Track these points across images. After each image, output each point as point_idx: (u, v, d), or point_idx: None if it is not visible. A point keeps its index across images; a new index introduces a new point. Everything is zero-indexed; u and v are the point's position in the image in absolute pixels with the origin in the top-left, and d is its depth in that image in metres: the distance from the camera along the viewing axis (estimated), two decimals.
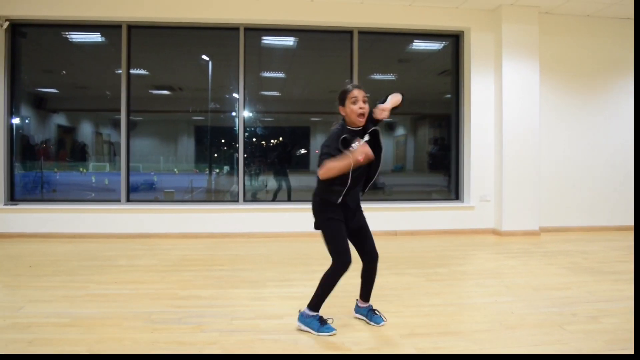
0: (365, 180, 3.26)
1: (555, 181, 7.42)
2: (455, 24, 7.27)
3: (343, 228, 3.15)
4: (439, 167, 8.24)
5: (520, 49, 7.07)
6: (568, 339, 3.08)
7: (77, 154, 8.00)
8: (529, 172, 7.10)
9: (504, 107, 7.05)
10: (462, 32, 7.43)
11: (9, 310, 3.60)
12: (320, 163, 2.98)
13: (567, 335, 3.15)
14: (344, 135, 3.04)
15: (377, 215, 7.13)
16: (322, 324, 3.15)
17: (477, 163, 7.30)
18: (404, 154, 8.66)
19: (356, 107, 3.07)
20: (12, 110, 7.00)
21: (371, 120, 3.17)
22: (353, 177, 3.01)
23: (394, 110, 3.19)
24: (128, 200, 7.09)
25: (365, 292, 3.40)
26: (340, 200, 3.07)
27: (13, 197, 7.03)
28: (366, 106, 3.09)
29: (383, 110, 3.12)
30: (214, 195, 7.84)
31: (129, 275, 4.73)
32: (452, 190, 7.72)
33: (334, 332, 3.14)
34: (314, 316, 3.18)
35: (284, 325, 3.33)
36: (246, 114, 7.34)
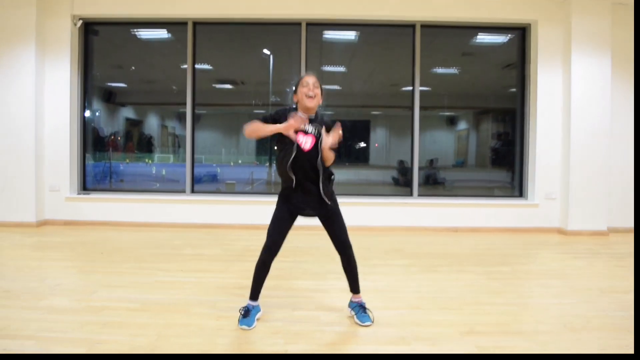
0: (314, 170, 3.17)
1: (626, 180, 7.09)
2: (522, 17, 7.06)
3: (283, 218, 3.22)
4: (501, 163, 8.05)
5: (591, 42, 6.79)
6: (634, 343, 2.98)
7: (144, 146, 8.32)
8: (598, 170, 6.83)
9: (572, 102, 6.81)
10: (529, 24, 7.21)
11: (84, 294, 3.82)
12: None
13: (634, 340, 3.04)
14: (291, 111, 3.20)
15: (437, 211, 7.08)
16: (244, 316, 3.20)
17: (543, 159, 7.08)
18: (466, 149, 8.50)
19: (305, 89, 3.15)
20: (85, 104, 7.35)
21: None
22: (296, 172, 3.12)
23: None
24: (193, 191, 7.32)
25: (351, 283, 3.40)
26: (290, 192, 3.19)
27: (85, 187, 7.40)
28: (316, 90, 3.16)
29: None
30: (274, 188, 7.98)
31: (194, 264, 4.91)
32: (515, 187, 7.54)
33: (244, 326, 3.13)
34: (246, 306, 3.25)
35: (345, 318, 3.38)
36: None
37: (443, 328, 3.21)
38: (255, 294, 3.28)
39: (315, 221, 3.26)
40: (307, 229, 3.46)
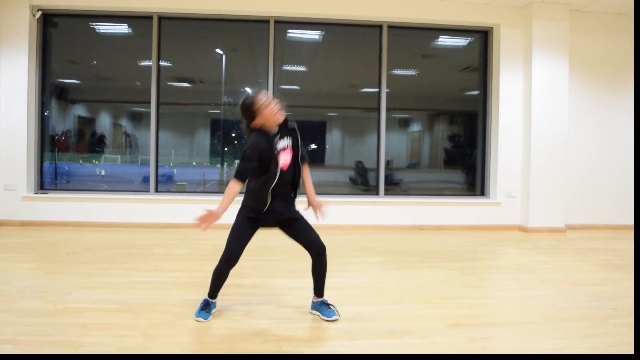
0: (293, 185, 3.21)
1: (582, 178, 7.40)
2: (485, 20, 7.26)
3: (246, 232, 3.17)
4: (455, 164, 8.27)
5: (551, 46, 7.05)
6: (614, 332, 3.13)
7: (96, 145, 8.03)
8: (557, 169, 7.09)
9: (532, 103, 7.04)
10: (492, 28, 7.42)
11: (58, 295, 3.67)
12: (238, 172, 3.04)
13: (612, 329, 3.18)
14: (274, 136, 3.09)
15: (403, 210, 7.18)
16: (202, 308, 3.25)
17: (504, 159, 7.30)
18: (419, 150, 8.64)
19: (271, 106, 3.03)
20: (43, 100, 7.06)
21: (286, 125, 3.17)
22: (274, 192, 3.06)
23: None
24: (157, 190, 7.15)
25: (317, 287, 3.33)
26: (265, 209, 3.09)
27: (42, 186, 7.11)
28: (278, 104, 3.08)
29: None
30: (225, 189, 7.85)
31: (167, 263, 4.79)
32: (477, 186, 7.73)
33: (200, 319, 3.17)
34: (205, 300, 3.29)
35: None
36: None
37: (429, 321, 3.25)
38: (215, 294, 3.29)
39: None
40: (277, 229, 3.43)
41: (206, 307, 3.24)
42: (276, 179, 3.01)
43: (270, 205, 3.07)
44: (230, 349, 2.76)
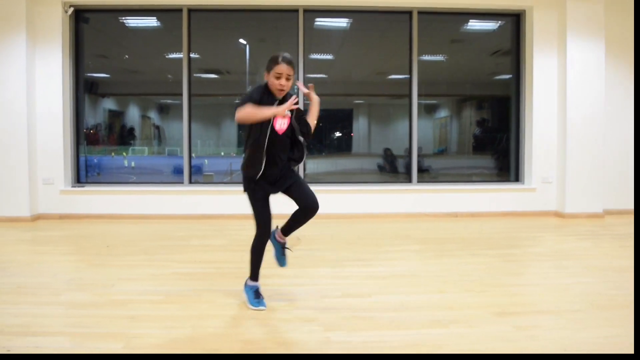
0: (290, 159, 3.24)
1: (619, 162, 7.23)
2: (518, 3, 7.11)
3: (262, 199, 3.19)
4: (484, 149, 8.14)
5: (586, 28, 6.86)
6: None
7: (125, 138, 8.12)
8: (594, 153, 6.93)
9: (568, 87, 6.88)
10: (524, 10, 7.26)
11: (102, 288, 3.72)
12: (239, 107, 2.95)
13: None
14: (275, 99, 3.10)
15: (436, 197, 7.13)
16: (255, 297, 3.26)
17: (539, 144, 7.16)
18: (447, 137, 8.53)
19: (277, 82, 3.03)
20: (77, 95, 7.16)
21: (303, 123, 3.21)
22: (268, 155, 3.07)
23: None
24: (190, 182, 7.21)
25: (288, 227, 3.32)
26: (258, 176, 3.11)
27: (79, 180, 7.23)
28: (288, 84, 3.06)
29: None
30: None
31: (206, 254, 4.84)
32: (511, 172, 7.61)
33: (261, 307, 3.21)
34: (252, 287, 3.31)
35: (374, 303, 3.37)
36: None
37: (474, 310, 3.22)
38: (256, 275, 3.33)
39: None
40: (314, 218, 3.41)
41: (257, 295, 3.27)
42: (267, 138, 3.02)
43: (264, 170, 3.09)
44: (279, 339, 2.78)
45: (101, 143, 7.87)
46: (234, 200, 6.85)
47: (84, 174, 7.40)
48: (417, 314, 3.14)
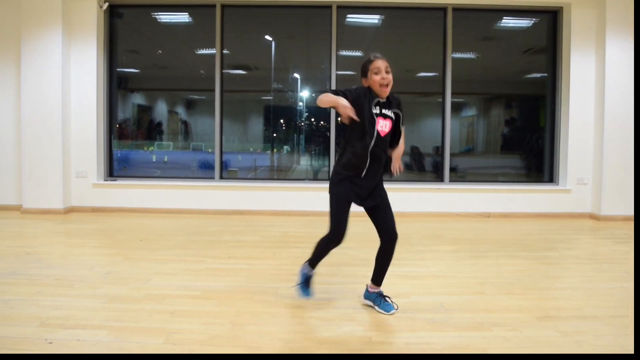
0: (386, 163, 3.11)
1: None
2: None
3: (347, 202, 3.04)
4: (513, 149, 7.99)
5: (626, 26, 6.68)
6: None
7: (153, 132, 8.18)
8: (631, 154, 6.76)
9: (606, 87, 6.72)
10: (562, 7, 7.10)
11: (139, 282, 3.74)
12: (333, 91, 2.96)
13: None
14: (375, 99, 3.00)
15: (469, 196, 7.03)
16: (305, 285, 3.26)
17: (575, 145, 7.02)
18: (474, 135, 8.40)
19: (378, 77, 2.95)
20: (110, 90, 7.23)
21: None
22: (372, 154, 2.96)
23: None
24: (221, 177, 7.23)
25: (378, 274, 3.20)
26: (365, 171, 2.99)
27: (112, 173, 7.30)
28: (389, 76, 2.96)
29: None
30: (276, 174, 7.93)
31: (239, 250, 4.84)
32: (545, 172, 7.47)
33: (306, 296, 3.25)
34: (306, 272, 3.26)
35: (413, 304, 3.31)
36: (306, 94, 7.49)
37: (516, 313, 3.15)
38: (316, 264, 3.25)
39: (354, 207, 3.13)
40: None
41: (307, 283, 3.25)
42: (374, 139, 2.94)
43: (368, 169, 2.99)
44: (320, 338, 2.75)
45: (130, 137, 7.94)
46: (264, 197, 6.92)
47: (116, 168, 7.48)
48: (457, 316, 3.09)
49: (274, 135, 8.07)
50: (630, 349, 2.65)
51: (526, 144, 7.74)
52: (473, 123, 8.28)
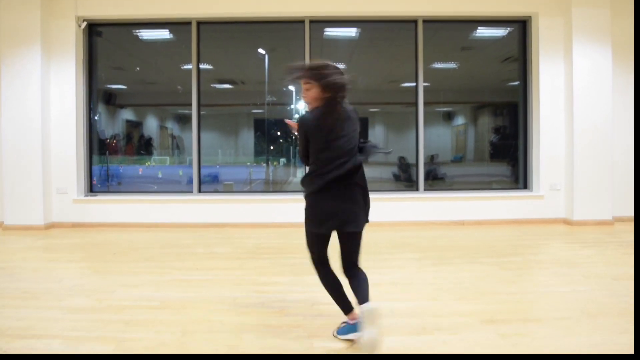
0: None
1: (629, 169, 7.15)
2: (523, 9, 7.10)
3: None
4: (501, 157, 8.11)
5: (592, 34, 6.83)
6: None
7: (143, 148, 8.32)
8: (602, 160, 6.88)
9: (574, 93, 6.85)
10: (530, 17, 7.25)
11: (103, 293, 3.85)
12: None
13: None
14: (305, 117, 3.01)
15: (443, 205, 7.13)
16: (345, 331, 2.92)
17: (547, 151, 7.13)
18: (464, 144, 8.54)
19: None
20: (90, 106, 7.36)
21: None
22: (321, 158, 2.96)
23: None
24: (200, 191, 7.34)
25: (363, 294, 2.78)
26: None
27: (92, 189, 7.41)
28: (305, 90, 2.92)
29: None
30: (272, 186, 8.04)
31: (208, 262, 4.94)
32: (519, 179, 7.58)
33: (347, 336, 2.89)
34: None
35: None
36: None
37: (463, 317, 3.25)
38: (342, 306, 2.92)
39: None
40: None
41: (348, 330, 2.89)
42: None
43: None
44: (262, 345, 2.84)
45: (120, 153, 8.07)
46: (242, 209, 7.02)
47: (104, 182, 7.62)
48: (404, 321, 3.19)
49: (271, 147, 8.23)
50: (568, 350, 2.75)
51: (511, 151, 7.84)
52: (464, 132, 8.42)
